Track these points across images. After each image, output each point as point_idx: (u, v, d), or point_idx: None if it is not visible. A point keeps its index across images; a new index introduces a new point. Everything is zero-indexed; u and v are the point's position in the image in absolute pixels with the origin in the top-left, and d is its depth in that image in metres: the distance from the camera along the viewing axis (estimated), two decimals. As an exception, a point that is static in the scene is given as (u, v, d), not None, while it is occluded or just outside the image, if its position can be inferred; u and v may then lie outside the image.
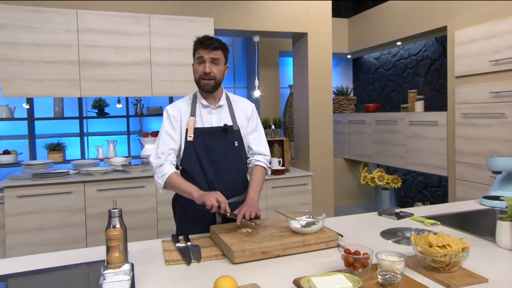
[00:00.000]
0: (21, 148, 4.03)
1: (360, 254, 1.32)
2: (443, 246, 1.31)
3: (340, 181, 5.47)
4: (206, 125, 1.91)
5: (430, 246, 1.32)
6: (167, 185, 1.84)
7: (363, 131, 4.99)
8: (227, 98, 1.99)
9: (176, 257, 1.54)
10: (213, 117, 1.93)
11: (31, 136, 4.04)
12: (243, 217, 1.70)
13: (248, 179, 2.02)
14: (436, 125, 3.92)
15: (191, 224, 1.87)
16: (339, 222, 1.97)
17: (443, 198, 4.59)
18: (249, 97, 4.14)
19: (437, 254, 1.28)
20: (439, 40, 4.51)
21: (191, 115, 1.89)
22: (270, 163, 2.08)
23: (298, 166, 4.36)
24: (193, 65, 1.91)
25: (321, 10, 4.00)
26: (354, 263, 1.29)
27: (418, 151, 4.18)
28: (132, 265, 1.48)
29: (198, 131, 1.88)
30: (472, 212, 2.18)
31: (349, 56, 5.71)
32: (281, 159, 4.10)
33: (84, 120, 4.32)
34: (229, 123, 1.93)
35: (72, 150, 4.31)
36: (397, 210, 2.13)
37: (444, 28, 3.92)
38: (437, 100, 4.52)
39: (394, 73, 5.27)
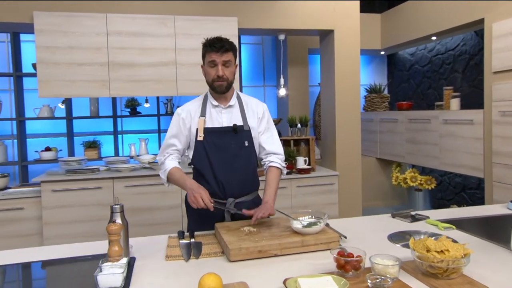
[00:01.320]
0: (61, 145, 4.30)
1: (353, 257, 1.30)
2: (441, 251, 1.25)
3: (372, 181, 5.33)
4: (216, 125, 1.92)
5: (428, 251, 1.27)
6: (169, 179, 1.91)
7: (396, 130, 4.82)
8: (238, 98, 2.00)
9: (177, 253, 1.58)
10: (223, 116, 1.94)
11: (70, 134, 4.30)
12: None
13: (258, 179, 2.03)
14: (472, 123, 3.71)
15: (200, 221, 1.90)
16: (348, 223, 1.93)
17: (482, 201, 4.34)
18: (269, 95, 4.13)
19: (434, 259, 1.22)
20: (479, 33, 4.26)
21: (201, 115, 1.92)
22: (285, 162, 2.07)
23: (325, 166, 4.30)
24: (202, 66, 1.95)
25: (349, 6, 3.91)
26: (345, 265, 1.27)
27: (452, 151, 3.98)
28: (134, 259, 1.55)
29: (207, 131, 1.90)
30: (497, 217, 2.05)
31: (382, 53, 5.53)
32: (307, 158, 4.06)
33: (118, 119, 4.52)
34: (240, 123, 1.93)
35: (108, 147, 4.53)
36: (413, 213, 2.04)
37: (481, 21, 3.69)
38: (475, 97, 4.27)
39: (430, 69, 5.04)
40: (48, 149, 4.11)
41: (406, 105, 4.89)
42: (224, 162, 1.90)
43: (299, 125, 4.14)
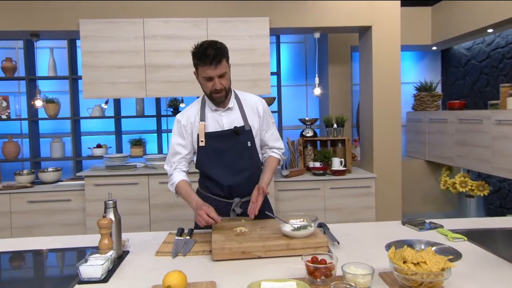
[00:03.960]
0: (110, 143, 4.62)
1: (325, 263, 1.25)
2: (418, 263, 1.15)
3: (420, 185, 5.00)
4: (218, 128, 1.91)
5: (405, 262, 1.18)
6: (177, 192, 1.94)
7: (445, 130, 4.48)
8: (237, 97, 1.97)
9: (169, 249, 1.63)
10: (223, 119, 1.92)
11: (118, 132, 4.60)
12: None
13: None
14: (529, 125, 3.33)
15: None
16: (351, 228, 1.85)
17: (545, 211, 3.88)
18: (311, 94, 4.06)
19: (407, 271, 1.14)
20: (543, 24, 3.81)
21: (200, 120, 1.90)
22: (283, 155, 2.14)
23: (364, 167, 4.14)
24: (195, 73, 1.86)
25: (387, 1, 3.71)
26: (314, 271, 1.23)
27: (507, 155, 3.60)
28: (128, 252, 1.63)
29: (208, 136, 1.89)
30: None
31: (434, 48, 5.16)
32: (343, 159, 3.94)
33: (162, 118, 4.74)
34: (240, 123, 1.92)
35: (153, 145, 4.78)
36: (427, 221, 1.90)
37: (541, 10, 3.30)
38: (537, 95, 3.82)
39: (488, 65, 4.60)
40: (99, 146, 4.44)
41: (458, 104, 4.52)
42: (228, 165, 1.90)
43: (335, 125, 4.02)
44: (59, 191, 3.59)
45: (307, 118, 4.13)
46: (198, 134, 1.90)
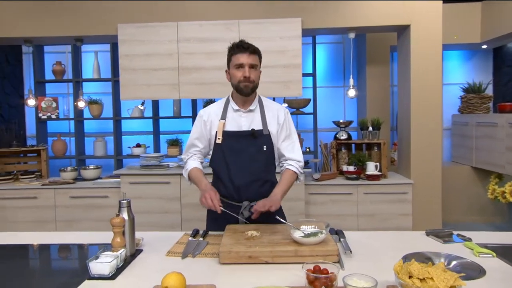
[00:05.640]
0: (149, 142, 4.78)
1: (327, 273, 1.20)
2: (424, 279, 1.07)
3: (465, 193, 4.69)
4: (236, 128, 1.94)
5: (411, 277, 1.10)
6: (190, 178, 2.00)
7: (495, 135, 4.17)
8: (260, 102, 2.00)
9: (180, 249, 1.65)
10: (242, 120, 1.95)
11: (156, 132, 4.75)
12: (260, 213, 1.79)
13: (277, 182, 1.99)
14: None
15: (216, 221, 1.94)
16: (369, 237, 1.77)
17: None
18: (339, 96, 3.94)
19: (411, 287, 1.06)
20: None
21: (221, 118, 1.96)
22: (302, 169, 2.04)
23: (401, 173, 3.95)
24: (226, 71, 1.98)
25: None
26: (314, 281, 1.18)
27: (562, 162, 3.28)
28: (141, 251, 1.66)
29: (226, 134, 1.93)
30: None
31: (484, 46, 4.82)
32: (378, 164, 3.79)
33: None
34: (259, 127, 1.93)
35: (189, 145, 4.88)
36: (455, 233, 1.77)
37: None
38: None
39: (545, 64, 4.23)
40: (138, 145, 4.61)
41: (510, 106, 4.19)
42: (240, 166, 1.91)
43: (370, 128, 3.88)
44: (97, 188, 3.77)
45: (341, 121, 4.02)
46: (216, 132, 1.94)
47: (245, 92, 1.91)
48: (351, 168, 3.77)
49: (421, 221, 3.66)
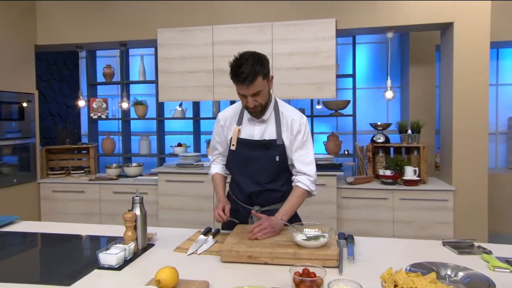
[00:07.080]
0: (190, 142, 4.95)
1: (314, 277, 1.19)
2: (408, 289, 1.03)
3: (521, 202, 4.32)
4: (248, 137, 1.90)
5: (396, 286, 1.06)
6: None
7: (553, 140, 3.80)
8: (276, 109, 1.90)
9: (188, 246, 1.71)
10: (256, 129, 1.89)
11: (196, 132, 4.91)
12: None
13: (290, 190, 1.94)
14: None
15: (228, 221, 1.96)
16: (379, 244, 1.71)
17: None
18: (382, 97, 3.80)
19: (394, 297, 1.02)
20: None
21: (237, 124, 1.92)
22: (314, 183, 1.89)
23: (442, 178, 3.74)
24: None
25: (474, -6, 3.31)
26: (299, 284, 1.18)
27: None
28: (152, 245, 1.75)
29: (240, 142, 1.90)
30: None
31: (545, 43, 4.41)
32: (417, 168, 3.61)
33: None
34: (273, 136, 1.87)
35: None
36: (476, 244, 1.66)
37: None
38: None
39: None
40: (179, 145, 4.79)
41: None
42: (252, 174, 1.89)
43: (409, 131, 3.71)
44: (137, 184, 3.98)
45: (378, 123, 3.88)
46: (231, 138, 1.94)
47: (254, 117, 1.86)
48: (388, 172, 3.63)
49: (464, 230, 3.44)
